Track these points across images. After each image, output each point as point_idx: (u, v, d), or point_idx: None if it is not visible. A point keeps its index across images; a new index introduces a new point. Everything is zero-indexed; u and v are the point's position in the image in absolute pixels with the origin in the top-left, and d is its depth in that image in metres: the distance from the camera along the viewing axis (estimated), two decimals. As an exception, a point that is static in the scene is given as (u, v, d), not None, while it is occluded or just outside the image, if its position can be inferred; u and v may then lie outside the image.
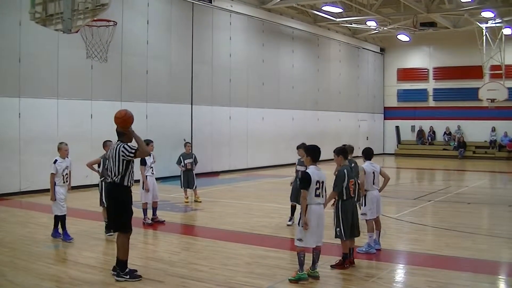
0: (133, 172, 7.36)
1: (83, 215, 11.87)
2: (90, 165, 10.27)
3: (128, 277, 7.05)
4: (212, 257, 8.35)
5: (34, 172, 15.00)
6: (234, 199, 15.14)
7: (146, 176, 11.16)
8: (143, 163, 11.12)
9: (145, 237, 10.18)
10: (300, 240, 7.06)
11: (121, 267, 7.13)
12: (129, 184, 7.28)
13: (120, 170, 7.15)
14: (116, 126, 7.33)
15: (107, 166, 7.42)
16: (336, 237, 7.78)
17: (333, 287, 7.09)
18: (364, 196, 8.77)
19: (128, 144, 7.23)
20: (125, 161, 7.15)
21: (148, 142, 11.30)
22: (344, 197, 7.70)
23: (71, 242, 9.34)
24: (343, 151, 8.07)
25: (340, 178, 7.59)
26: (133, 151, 7.15)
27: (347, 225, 7.66)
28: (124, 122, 7.18)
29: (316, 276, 7.18)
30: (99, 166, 10.14)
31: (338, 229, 7.70)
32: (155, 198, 11.35)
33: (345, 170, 7.64)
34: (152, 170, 11.31)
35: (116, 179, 7.17)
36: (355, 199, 8.01)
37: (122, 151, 7.12)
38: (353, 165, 9.84)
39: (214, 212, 12.86)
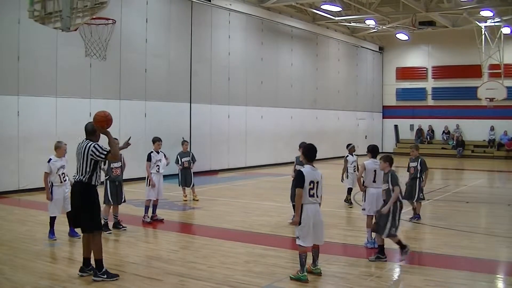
0: (100, 172, 7.30)
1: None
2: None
3: (105, 276, 7.00)
4: (210, 256, 8.36)
5: (33, 170, 14.97)
6: (233, 198, 15.15)
7: (151, 173, 11.18)
8: (149, 159, 11.20)
9: (144, 236, 10.19)
10: (298, 238, 7.09)
11: (98, 267, 7.06)
12: (96, 183, 7.19)
13: (88, 170, 7.04)
14: (86, 124, 7.28)
15: (79, 165, 7.27)
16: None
17: (332, 286, 7.10)
18: (364, 192, 9.06)
19: (99, 144, 7.12)
20: (93, 161, 7.05)
21: (156, 140, 11.42)
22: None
23: (79, 238, 9.38)
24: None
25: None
26: (105, 153, 7.04)
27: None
28: (107, 122, 7.07)
29: (318, 273, 7.24)
30: (104, 164, 10.10)
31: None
32: (159, 196, 11.37)
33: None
34: (158, 168, 11.32)
35: (83, 178, 7.05)
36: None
37: (92, 151, 7.01)
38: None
39: (212, 210, 12.86)
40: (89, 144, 7.10)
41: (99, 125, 7.08)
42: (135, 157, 16.38)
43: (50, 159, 9.36)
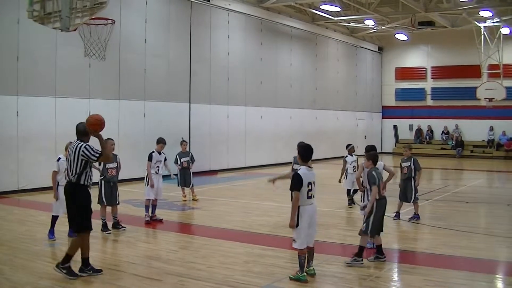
0: (91, 172, 7.33)
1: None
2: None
3: (65, 272, 7.07)
4: (210, 256, 8.36)
5: (32, 170, 15.00)
6: (232, 198, 15.15)
7: (151, 173, 11.21)
8: (149, 159, 11.22)
9: (143, 236, 10.18)
10: (294, 241, 7.07)
11: (64, 261, 7.15)
12: (85, 183, 7.24)
13: (77, 170, 7.13)
14: (78, 124, 7.41)
15: (69, 165, 7.29)
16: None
17: (332, 285, 7.10)
18: (363, 191, 8.97)
19: (91, 145, 7.19)
20: (83, 161, 7.13)
21: (160, 141, 11.46)
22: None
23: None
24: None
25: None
26: (97, 155, 7.12)
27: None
28: (100, 125, 7.18)
29: (312, 274, 7.23)
30: (99, 164, 10.12)
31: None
32: (158, 196, 11.38)
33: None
34: (158, 169, 11.34)
35: (72, 178, 7.16)
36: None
37: (83, 152, 7.09)
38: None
39: (212, 210, 12.87)
40: (81, 144, 7.17)
41: (91, 128, 7.19)
42: (135, 157, 16.41)
43: (60, 158, 9.38)
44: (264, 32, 24.88)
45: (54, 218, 9.44)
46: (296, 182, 6.96)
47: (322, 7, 25.10)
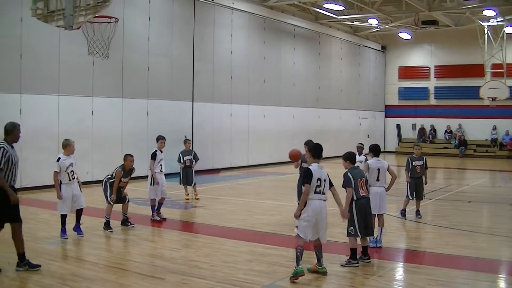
0: (12, 171, 7.18)
1: (84, 211, 11.84)
2: (116, 179, 10.17)
3: (27, 267, 7.25)
4: (212, 254, 8.36)
5: (35, 168, 15.00)
6: (235, 197, 15.15)
7: (155, 172, 11.20)
8: (153, 157, 11.20)
9: (146, 234, 10.18)
10: (297, 227, 7.13)
11: (20, 260, 7.37)
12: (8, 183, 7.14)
13: None
14: (6, 124, 7.33)
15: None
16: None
17: (334, 285, 7.10)
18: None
19: (3, 151, 7.05)
20: None
21: (159, 138, 11.51)
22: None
23: (82, 236, 9.45)
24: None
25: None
26: None
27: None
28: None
29: (324, 272, 7.24)
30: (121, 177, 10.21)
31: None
32: (163, 194, 11.38)
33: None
34: (161, 167, 11.34)
35: None
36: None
37: None
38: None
39: (214, 209, 12.87)
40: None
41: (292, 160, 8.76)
42: (138, 156, 16.34)
43: (59, 158, 9.36)
44: (267, 31, 24.87)
45: (63, 217, 9.44)
46: (307, 176, 7.15)
47: (325, 6, 25.08)
